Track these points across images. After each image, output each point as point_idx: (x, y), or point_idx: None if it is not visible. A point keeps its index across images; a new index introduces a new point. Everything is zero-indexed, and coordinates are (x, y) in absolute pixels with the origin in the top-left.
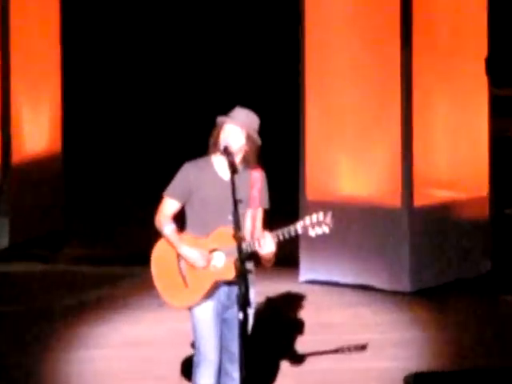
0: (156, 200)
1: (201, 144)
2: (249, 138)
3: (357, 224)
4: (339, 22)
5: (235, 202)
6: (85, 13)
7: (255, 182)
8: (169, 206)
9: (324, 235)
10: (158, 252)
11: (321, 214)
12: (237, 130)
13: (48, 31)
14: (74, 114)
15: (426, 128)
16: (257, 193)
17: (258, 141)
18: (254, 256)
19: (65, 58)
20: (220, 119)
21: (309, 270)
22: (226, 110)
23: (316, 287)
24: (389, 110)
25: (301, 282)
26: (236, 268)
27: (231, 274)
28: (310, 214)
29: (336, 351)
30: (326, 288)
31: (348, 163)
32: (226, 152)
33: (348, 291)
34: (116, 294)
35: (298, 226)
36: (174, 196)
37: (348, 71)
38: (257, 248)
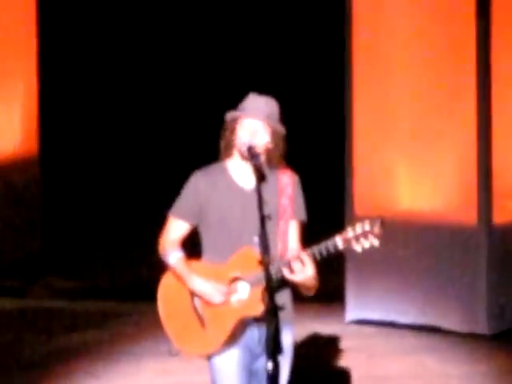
0: (151, 213)
1: (204, 146)
2: (274, 132)
3: (418, 247)
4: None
5: (262, 219)
6: (62, 9)
7: (285, 187)
8: (175, 228)
9: (375, 261)
10: (166, 287)
11: (367, 223)
12: (258, 125)
13: (23, 27)
14: (52, 114)
15: (508, 126)
16: (287, 201)
17: (283, 131)
18: (290, 285)
19: (41, 56)
20: (232, 114)
21: (358, 307)
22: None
23: (367, 329)
24: (460, 104)
25: (348, 322)
26: (264, 301)
27: (259, 309)
28: (353, 225)
29: None
30: (379, 330)
31: (407, 170)
32: (251, 154)
33: (408, 334)
34: (106, 338)
35: (338, 240)
36: (181, 216)
37: (405, 58)
38: (287, 275)
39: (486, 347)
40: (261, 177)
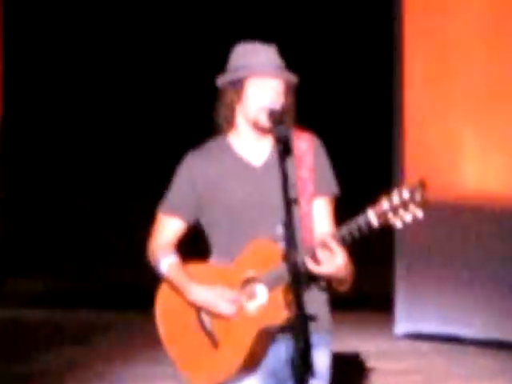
0: (124, 209)
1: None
2: (288, 88)
3: (488, 238)
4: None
5: (288, 204)
6: None
7: (303, 156)
8: (166, 227)
9: (431, 260)
10: (164, 302)
11: (405, 190)
12: (274, 84)
13: None
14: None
15: None
16: (307, 173)
17: (296, 81)
18: (325, 286)
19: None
20: (235, 74)
21: (410, 318)
22: None
23: (422, 344)
24: None
25: (398, 337)
26: (287, 303)
27: (282, 315)
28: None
29: None
30: (437, 346)
31: (473, 143)
32: (274, 121)
33: (476, 351)
34: (81, 355)
35: (371, 214)
36: (173, 211)
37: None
38: (311, 267)
39: None
40: (287, 150)
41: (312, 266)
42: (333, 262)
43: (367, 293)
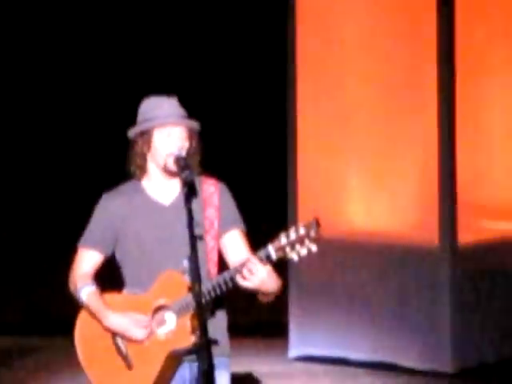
0: (71, 241)
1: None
2: (191, 135)
3: (374, 272)
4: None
5: (193, 240)
6: None
7: (209, 197)
8: (86, 260)
9: (322, 288)
10: (83, 329)
11: (301, 227)
12: (177, 132)
13: None
14: None
15: (473, 136)
16: (213, 213)
17: (197, 128)
18: (225, 314)
19: None
20: (142, 127)
21: (303, 342)
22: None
23: (313, 367)
24: (421, 109)
25: (291, 359)
26: (193, 329)
27: (189, 340)
28: (286, 231)
29: None
30: (328, 368)
31: (361, 184)
32: (180, 166)
33: (362, 373)
34: (18, 378)
35: (271, 249)
36: (91, 245)
37: (357, 63)
38: (242, 282)
39: None
40: (192, 192)
41: (241, 282)
42: (257, 275)
43: (264, 321)
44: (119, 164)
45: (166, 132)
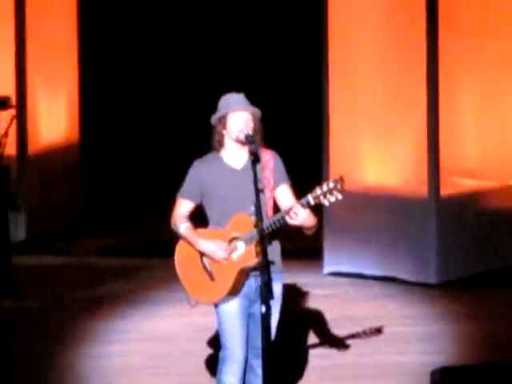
0: (174, 191)
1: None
2: (254, 118)
3: (382, 214)
4: (364, 8)
5: (257, 192)
6: (102, 2)
7: (266, 163)
8: (183, 206)
9: (346, 226)
10: (180, 253)
11: (330, 182)
12: (245, 116)
13: (65, 20)
14: (92, 103)
15: (452, 115)
16: (269, 173)
17: (259, 115)
18: (279, 242)
19: (82, 46)
20: (219, 113)
21: (333, 262)
22: None
23: (341, 279)
24: (415, 97)
25: (325, 274)
26: (257, 253)
27: (254, 260)
28: (320, 184)
29: (361, 345)
30: (350, 280)
31: (373, 152)
32: (248, 140)
33: (374, 283)
34: (133, 287)
35: (310, 197)
36: (186, 196)
37: (372, 58)
38: (289, 221)
39: (435, 294)
40: (256, 159)
41: (289, 220)
42: (300, 215)
43: (306, 248)
44: (206, 140)
45: (236, 115)
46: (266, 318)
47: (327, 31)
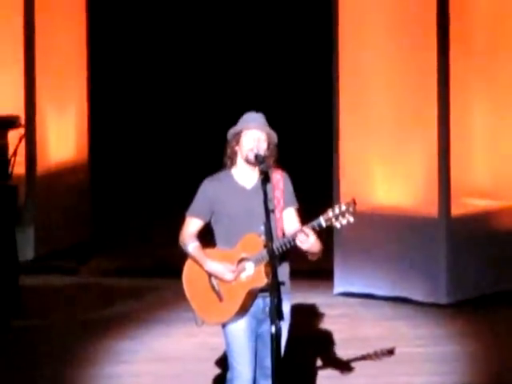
0: (183, 211)
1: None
2: (269, 140)
3: (393, 234)
4: (374, 27)
5: (267, 212)
6: (112, 19)
7: (277, 183)
8: (191, 225)
9: (357, 246)
10: (188, 272)
11: (343, 205)
12: (258, 135)
13: (74, 38)
14: (101, 122)
15: (463, 134)
16: (279, 194)
17: (276, 138)
18: (288, 263)
19: (91, 64)
20: (235, 129)
21: (343, 282)
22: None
23: (351, 300)
24: (425, 117)
25: (335, 295)
26: (266, 274)
27: (263, 281)
28: (332, 207)
29: (372, 367)
30: (361, 301)
31: (383, 172)
32: (258, 160)
33: (384, 304)
34: (143, 307)
35: (322, 220)
36: (195, 215)
37: (383, 77)
38: (299, 243)
39: (447, 314)
40: (266, 178)
41: (298, 244)
42: (309, 240)
43: (316, 268)
44: (219, 157)
45: (250, 133)
46: (276, 339)
47: (338, 51)
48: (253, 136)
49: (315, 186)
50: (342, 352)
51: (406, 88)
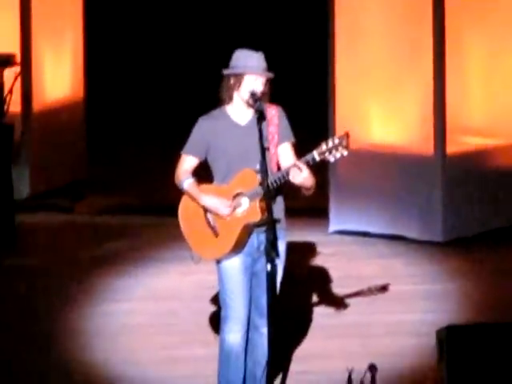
0: (179, 148)
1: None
2: (267, 81)
3: (388, 172)
4: None
5: (263, 150)
6: None
7: (272, 118)
8: (187, 162)
9: (352, 184)
10: (184, 208)
11: (336, 138)
12: (260, 81)
13: None
14: (97, 60)
15: (459, 72)
16: (274, 128)
17: (272, 77)
18: (283, 200)
19: (87, 3)
20: (235, 70)
21: (339, 220)
22: None
23: (346, 238)
24: (421, 55)
25: (330, 233)
26: (261, 209)
27: (257, 216)
28: (325, 140)
29: (366, 304)
30: (356, 239)
31: (379, 110)
32: (254, 100)
33: (379, 242)
34: (139, 245)
35: (315, 153)
36: (191, 152)
37: (380, 18)
38: (290, 179)
39: (441, 252)
40: (262, 117)
41: (291, 178)
42: (302, 174)
43: (311, 206)
44: (213, 94)
45: (253, 78)
46: (271, 276)
47: None
48: (256, 81)
49: (310, 124)
50: (336, 290)
51: (402, 27)
